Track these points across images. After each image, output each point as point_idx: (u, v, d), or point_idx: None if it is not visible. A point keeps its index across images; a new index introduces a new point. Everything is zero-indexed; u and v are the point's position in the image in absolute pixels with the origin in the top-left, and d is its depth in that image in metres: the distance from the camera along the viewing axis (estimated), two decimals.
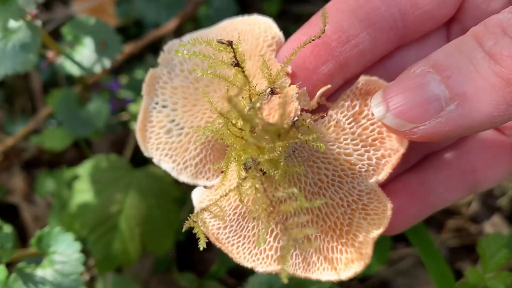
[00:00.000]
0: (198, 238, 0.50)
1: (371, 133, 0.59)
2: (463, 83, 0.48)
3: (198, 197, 0.60)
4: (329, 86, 0.58)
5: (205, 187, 0.62)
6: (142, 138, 0.62)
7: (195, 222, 0.50)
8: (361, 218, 0.56)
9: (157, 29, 1.16)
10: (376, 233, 0.55)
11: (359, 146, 0.59)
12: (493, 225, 1.17)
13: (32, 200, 1.25)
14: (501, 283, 0.65)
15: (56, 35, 1.11)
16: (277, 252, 0.55)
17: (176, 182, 0.83)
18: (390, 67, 0.64)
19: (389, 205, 0.55)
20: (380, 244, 1.06)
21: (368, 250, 0.55)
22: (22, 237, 1.20)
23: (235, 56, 0.47)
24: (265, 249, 0.56)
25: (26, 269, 0.74)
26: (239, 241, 0.57)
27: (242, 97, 0.51)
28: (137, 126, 0.62)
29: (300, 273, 0.56)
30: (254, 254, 0.56)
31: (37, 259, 0.80)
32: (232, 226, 0.57)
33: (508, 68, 0.47)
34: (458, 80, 0.48)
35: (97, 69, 0.85)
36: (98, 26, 0.86)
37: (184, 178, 0.61)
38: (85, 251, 0.77)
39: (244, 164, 0.50)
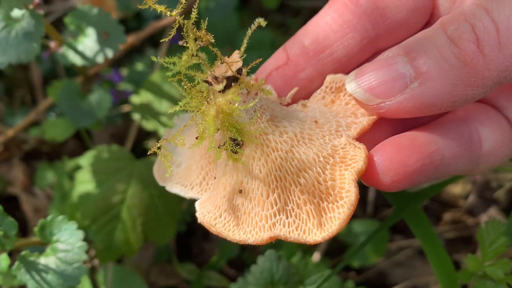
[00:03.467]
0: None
1: (344, 112, 0.64)
2: (427, 63, 0.54)
3: (200, 201, 0.68)
4: (297, 88, 0.66)
5: None
6: (158, 175, 0.74)
7: (159, 149, 0.58)
8: (343, 169, 0.59)
9: (158, 21, 1.16)
10: (357, 168, 0.57)
11: (327, 115, 0.64)
12: (490, 218, 1.18)
13: (32, 192, 1.25)
14: (500, 270, 0.66)
15: (56, 28, 1.11)
16: (268, 221, 0.59)
17: None
18: None
19: (363, 146, 0.59)
20: (378, 236, 1.07)
21: (353, 190, 0.56)
22: (22, 229, 1.20)
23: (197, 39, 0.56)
24: (256, 222, 0.59)
25: (29, 257, 0.75)
26: (235, 225, 0.61)
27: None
28: (154, 166, 0.74)
29: (295, 237, 0.57)
30: (249, 232, 0.60)
31: (40, 248, 0.81)
32: (225, 210, 0.62)
33: (465, 50, 0.52)
34: (422, 61, 0.54)
35: (100, 59, 0.85)
36: (100, 16, 0.86)
37: (191, 195, 0.71)
38: (85, 241, 0.77)
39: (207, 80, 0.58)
